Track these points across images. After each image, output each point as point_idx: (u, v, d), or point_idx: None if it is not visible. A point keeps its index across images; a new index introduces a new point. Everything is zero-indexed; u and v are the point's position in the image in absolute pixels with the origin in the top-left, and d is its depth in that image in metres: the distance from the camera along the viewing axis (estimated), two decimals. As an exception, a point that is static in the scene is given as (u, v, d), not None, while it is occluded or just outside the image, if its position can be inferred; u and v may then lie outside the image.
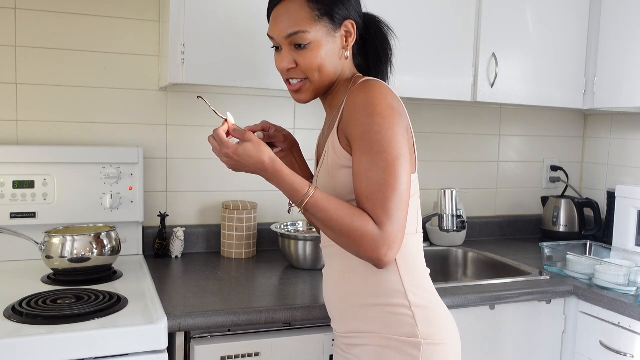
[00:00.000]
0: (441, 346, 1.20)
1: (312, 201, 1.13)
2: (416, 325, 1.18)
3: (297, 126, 2.19)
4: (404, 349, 1.17)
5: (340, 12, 1.20)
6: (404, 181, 1.12)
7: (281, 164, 1.15)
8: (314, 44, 1.19)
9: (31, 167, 1.78)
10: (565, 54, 2.20)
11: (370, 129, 1.12)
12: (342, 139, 1.19)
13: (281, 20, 1.20)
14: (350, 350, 1.25)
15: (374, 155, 1.12)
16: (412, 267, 1.22)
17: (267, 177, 1.16)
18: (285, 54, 1.22)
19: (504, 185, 2.60)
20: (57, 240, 1.60)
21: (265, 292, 1.62)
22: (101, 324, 1.30)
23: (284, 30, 1.19)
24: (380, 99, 1.14)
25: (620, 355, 1.69)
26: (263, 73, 1.76)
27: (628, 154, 2.49)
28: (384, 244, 1.10)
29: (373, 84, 1.18)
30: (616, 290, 1.74)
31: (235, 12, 1.71)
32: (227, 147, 1.14)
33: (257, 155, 1.14)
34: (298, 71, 1.22)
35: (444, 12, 1.98)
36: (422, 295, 1.21)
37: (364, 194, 1.13)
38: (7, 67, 1.83)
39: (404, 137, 1.15)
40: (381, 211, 1.11)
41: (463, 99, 2.04)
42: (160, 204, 2.04)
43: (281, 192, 1.17)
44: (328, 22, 1.19)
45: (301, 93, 1.25)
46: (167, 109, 2.02)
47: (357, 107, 1.15)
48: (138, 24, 1.96)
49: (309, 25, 1.18)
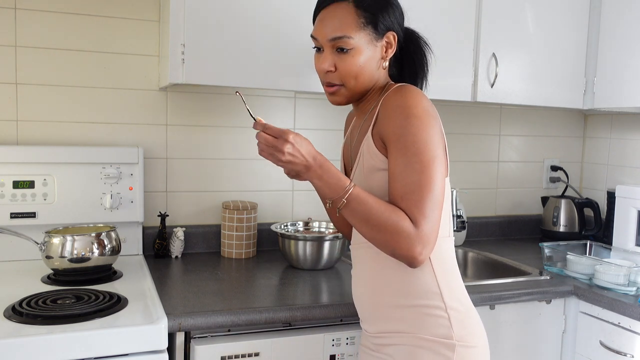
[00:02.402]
0: (473, 349, 1.22)
1: (355, 193, 1.14)
2: (451, 327, 1.19)
3: (297, 126, 2.19)
4: (439, 349, 1.19)
5: (385, 22, 1.23)
6: (438, 182, 1.15)
7: (325, 157, 1.16)
8: (356, 50, 1.21)
9: (31, 167, 1.78)
10: (565, 54, 2.20)
11: (407, 131, 1.15)
12: (377, 141, 1.21)
13: (327, 23, 1.23)
14: (382, 349, 1.26)
15: (410, 156, 1.14)
16: (446, 269, 1.24)
17: (313, 171, 1.14)
18: (326, 56, 1.24)
19: (504, 185, 2.60)
20: (57, 240, 1.60)
21: (265, 292, 1.62)
22: (101, 324, 1.29)
23: (329, 33, 1.22)
24: (417, 102, 1.17)
25: (620, 355, 1.69)
26: (263, 73, 1.76)
27: (628, 154, 2.49)
28: (419, 242, 1.12)
29: (409, 87, 1.21)
30: (616, 290, 1.74)
31: (235, 12, 1.71)
32: (285, 140, 1.11)
33: (310, 147, 1.14)
34: (335, 76, 1.24)
35: (444, 12, 1.98)
36: (457, 298, 1.23)
37: (399, 194, 1.15)
38: (7, 67, 1.83)
39: (439, 139, 1.17)
40: (416, 210, 1.12)
41: (463, 99, 2.04)
42: (160, 204, 2.04)
43: (320, 188, 1.16)
44: (371, 31, 1.22)
45: (336, 96, 1.28)
46: (167, 109, 2.02)
47: (394, 109, 1.17)
48: (138, 24, 1.96)
49: (353, 31, 1.20)
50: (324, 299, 1.58)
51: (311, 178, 1.15)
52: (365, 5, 1.21)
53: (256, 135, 1.13)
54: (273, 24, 1.75)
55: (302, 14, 1.79)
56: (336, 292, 1.65)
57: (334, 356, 1.50)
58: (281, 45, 1.76)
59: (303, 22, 1.79)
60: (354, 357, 1.52)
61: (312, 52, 1.90)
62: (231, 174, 2.12)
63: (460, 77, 2.02)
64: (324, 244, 1.84)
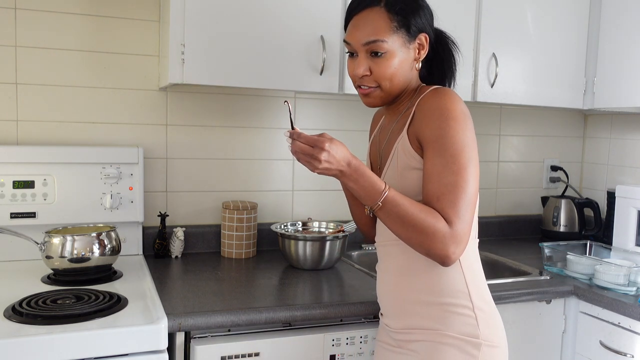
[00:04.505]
0: (497, 349, 1.24)
1: (390, 195, 1.16)
2: (478, 326, 1.22)
3: (297, 126, 2.17)
4: (465, 347, 1.21)
5: (416, 24, 1.25)
6: (473, 184, 1.17)
7: (360, 161, 1.18)
8: (390, 53, 1.23)
9: (31, 167, 1.78)
10: (565, 54, 2.19)
11: (445, 133, 1.17)
12: (412, 141, 1.23)
13: (361, 27, 1.24)
14: (405, 345, 1.28)
15: (447, 157, 1.16)
16: (474, 270, 1.27)
17: (348, 175, 1.16)
18: (361, 60, 1.25)
19: (504, 185, 2.60)
20: (57, 240, 1.60)
21: (265, 292, 1.62)
22: (101, 324, 1.29)
23: (363, 37, 1.23)
24: (455, 105, 1.19)
25: (620, 355, 1.69)
26: (263, 73, 1.76)
27: (628, 154, 2.49)
28: (453, 241, 1.14)
29: (446, 90, 1.24)
30: (616, 290, 1.74)
31: (235, 12, 1.71)
32: (321, 149, 1.12)
33: (345, 152, 1.15)
34: (371, 79, 1.26)
35: (443, 12, 1.98)
36: (483, 298, 1.26)
37: (434, 194, 1.16)
38: (7, 67, 1.83)
39: (474, 142, 1.20)
40: (451, 211, 1.15)
41: (463, 98, 2.02)
42: (160, 204, 2.04)
43: (355, 192, 1.17)
44: (404, 34, 1.24)
45: (370, 97, 1.29)
46: (167, 109, 2.02)
47: (432, 111, 1.19)
48: (138, 24, 1.96)
49: (387, 34, 1.22)
50: (324, 299, 1.58)
51: (346, 182, 1.17)
52: (397, 8, 1.22)
53: (291, 143, 1.15)
54: (273, 24, 1.75)
55: (302, 13, 1.79)
56: (336, 292, 1.65)
57: (334, 356, 1.50)
58: (281, 45, 1.76)
59: (303, 22, 1.80)
60: (354, 357, 1.52)
61: (313, 52, 1.91)
62: (231, 174, 2.12)
63: (460, 77, 2.00)
64: (324, 244, 1.84)
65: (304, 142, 1.14)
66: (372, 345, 1.53)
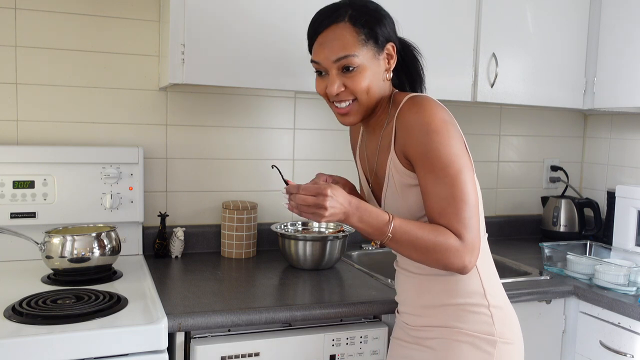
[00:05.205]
0: (512, 346, 1.26)
1: (397, 224, 1.15)
2: (493, 324, 1.23)
3: (297, 126, 2.19)
4: (480, 344, 1.22)
5: (383, 34, 1.24)
6: (470, 191, 1.17)
7: (358, 198, 1.17)
8: (361, 67, 1.22)
9: (31, 167, 1.78)
10: (565, 54, 2.19)
11: (429, 148, 1.16)
12: (401, 158, 1.23)
13: (328, 45, 1.22)
14: (421, 342, 1.29)
15: (438, 172, 1.16)
16: (488, 269, 1.28)
17: (352, 215, 1.15)
18: (333, 78, 1.23)
19: (504, 185, 2.60)
20: (57, 240, 1.60)
21: (265, 292, 1.62)
22: (101, 324, 1.30)
23: (332, 54, 1.21)
24: (433, 115, 1.18)
25: (620, 355, 1.69)
26: (263, 73, 1.76)
27: (628, 154, 2.49)
28: (467, 252, 1.16)
29: (422, 99, 1.22)
30: (616, 290, 1.74)
31: (235, 12, 1.71)
32: (325, 195, 1.11)
33: (344, 193, 1.15)
34: (347, 92, 1.24)
35: (444, 12, 1.98)
36: (498, 296, 1.28)
37: (436, 211, 1.17)
38: (7, 67, 1.83)
39: (461, 147, 1.19)
40: (457, 224, 1.15)
41: (463, 99, 2.04)
42: (160, 204, 2.04)
43: (362, 230, 1.17)
44: (373, 45, 1.23)
45: (350, 116, 1.27)
46: (167, 109, 2.02)
47: (413, 127, 1.18)
48: (138, 24, 1.96)
49: (356, 48, 1.21)
50: (324, 299, 1.58)
51: (352, 223, 1.16)
52: (362, 21, 1.21)
53: (291, 198, 1.15)
54: (273, 24, 1.75)
55: (302, 13, 1.79)
56: (336, 292, 1.65)
57: (334, 356, 1.50)
58: (281, 45, 1.76)
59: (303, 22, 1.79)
60: (354, 357, 1.52)
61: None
62: (231, 174, 2.12)
63: (460, 77, 2.02)
64: (324, 244, 1.84)
65: (305, 194, 1.13)
66: (372, 345, 1.53)
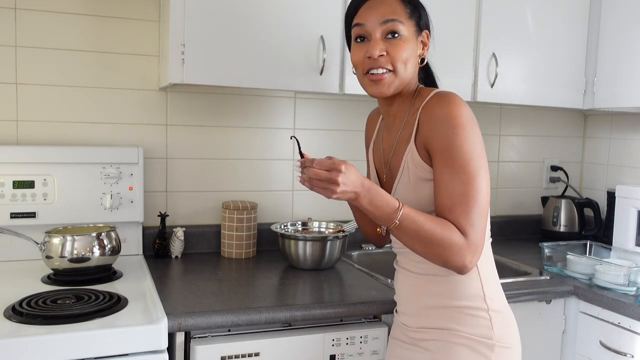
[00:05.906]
0: (510, 350, 1.25)
1: (406, 212, 1.14)
2: (492, 328, 1.22)
3: (297, 126, 2.19)
4: (478, 348, 1.21)
5: (423, 18, 1.25)
6: (484, 192, 1.16)
7: (371, 181, 1.15)
8: (405, 37, 1.21)
9: (31, 167, 1.78)
10: (566, 54, 2.19)
11: (453, 143, 1.15)
12: (421, 151, 1.21)
13: (377, 7, 1.21)
14: (419, 344, 1.28)
15: (456, 167, 1.15)
16: (489, 273, 1.27)
17: (363, 196, 1.13)
18: (376, 40, 1.20)
19: (504, 185, 2.60)
20: (57, 240, 1.60)
21: (265, 292, 1.62)
22: (101, 324, 1.30)
23: (380, 16, 1.20)
24: (460, 112, 1.17)
25: (620, 355, 1.69)
26: (263, 73, 1.76)
27: (628, 154, 2.49)
28: (469, 251, 1.15)
29: (450, 95, 1.20)
30: (616, 290, 1.74)
31: (235, 12, 1.71)
32: (338, 171, 1.09)
33: (357, 173, 1.13)
34: (387, 59, 1.20)
35: (444, 12, 1.98)
36: (498, 300, 1.27)
37: (446, 206, 1.16)
38: (7, 67, 1.83)
39: (482, 148, 1.18)
40: (464, 221, 1.14)
41: (463, 98, 2.03)
42: (160, 204, 2.04)
43: (370, 213, 1.15)
44: (415, 24, 1.23)
45: (383, 85, 1.22)
46: (167, 109, 2.02)
47: (438, 120, 1.17)
48: (138, 24, 1.96)
49: (404, 17, 1.21)
50: (324, 299, 1.58)
51: (362, 204, 1.14)
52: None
53: (304, 171, 1.12)
54: (273, 24, 1.75)
55: (302, 13, 1.79)
56: (336, 292, 1.65)
57: (334, 356, 1.50)
58: (281, 45, 1.76)
59: (303, 22, 1.80)
60: (354, 357, 1.52)
61: (313, 52, 1.90)
62: (231, 174, 2.12)
63: (460, 77, 2.02)
64: (324, 244, 1.84)
65: (319, 168, 1.10)
66: (372, 345, 1.53)
